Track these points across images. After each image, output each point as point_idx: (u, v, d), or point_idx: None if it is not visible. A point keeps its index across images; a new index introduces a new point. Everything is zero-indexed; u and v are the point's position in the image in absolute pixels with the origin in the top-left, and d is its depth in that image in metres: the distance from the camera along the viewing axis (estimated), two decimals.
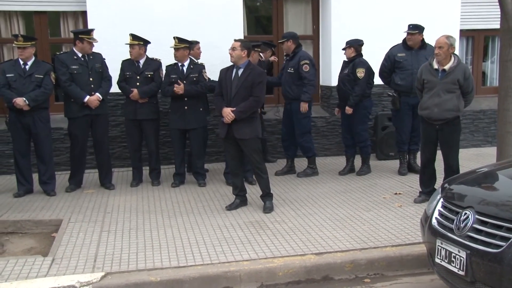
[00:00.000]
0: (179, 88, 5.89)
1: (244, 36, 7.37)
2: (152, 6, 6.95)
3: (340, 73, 6.64)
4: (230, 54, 5.03)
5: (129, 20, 6.77)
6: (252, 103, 5.03)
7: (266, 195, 5.24)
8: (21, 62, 5.66)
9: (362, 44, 6.49)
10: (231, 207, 5.23)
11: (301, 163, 6.91)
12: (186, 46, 6.06)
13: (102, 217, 5.04)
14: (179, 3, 7.03)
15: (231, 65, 5.16)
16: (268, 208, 5.16)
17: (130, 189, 6.13)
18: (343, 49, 6.51)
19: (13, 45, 5.92)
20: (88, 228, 4.68)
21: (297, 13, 7.99)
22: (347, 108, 6.41)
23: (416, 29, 6.31)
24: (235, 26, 7.16)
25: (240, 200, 5.29)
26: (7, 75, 5.61)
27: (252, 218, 4.94)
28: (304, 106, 6.31)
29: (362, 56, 6.47)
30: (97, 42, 5.97)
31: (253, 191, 5.70)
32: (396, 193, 5.72)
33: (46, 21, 7.14)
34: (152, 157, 6.32)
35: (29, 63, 5.68)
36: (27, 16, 7.17)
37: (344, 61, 6.61)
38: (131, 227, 4.72)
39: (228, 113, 5.00)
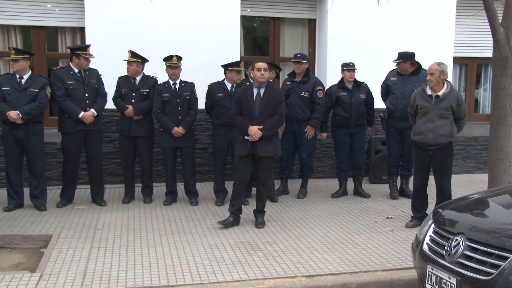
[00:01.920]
0: (177, 133, 5.97)
1: (241, 57, 7.45)
2: (150, 24, 7.02)
3: (347, 98, 6.45)
4: (262, 75, 5.13)
5: (127, 37, 6.83)
6: (277, 120, 5.22)
7: (260, 211, 5.36)
8: (17, 76, 5.67)
9: None
10: (224, 223, 5.25)
11: (294, 184, 6.91)
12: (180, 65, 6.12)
13: (93, 233, 4.99)
14: (177, 21, 7.11)
15: (249, 85, 5.35)
16: (261, 223, 5.28)
17: (122, 206, 6.10)
18: (349, 70, 6.43)
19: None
20: (78, 245, 4.63)
21: (294, 35, 8.09)
22: (370, 129, 6.76)
23: (399, 58, 6.40)
24: (233, 46, 7.24)
25: (234, 219, 5.31)
26: (3, 88, 5.61)
27: (243, 238, 4.92)
28: (311, 132, 6.44)
29: None
30: (93, 57, 6.00)
31: (245, 211, 5.68)
32: (388, 217, 5.73)
33: (44, 36, 7.18)
34: (145, 174, 6.31)
35: (25, 77, 5.69)
36: (25, 30, 7.21)
37: (353, 85, 6.48)
38: (121, 245, 4.67)
39: (256, 131, 5.10)
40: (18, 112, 5.51)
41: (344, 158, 6.66)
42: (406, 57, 6.38)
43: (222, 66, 6.19)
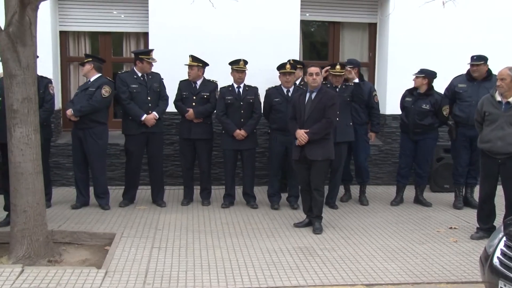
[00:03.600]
0: (239, 135, 6.06)
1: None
2: (211, 29, 7.13)
3: (409, 104, 6.32)
4: (314, 79, 5.17)
5: (188, 42, 6.96)
6: (325, 124, 5.18)
7: (317, 217, 5.34)
8: (86, 79, 6.02)
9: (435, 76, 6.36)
10: (299, 225, 5.42)
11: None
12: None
13: (153, 233, 5.13)
14: (238, 26, 7.18)
15: (304, 90, 5.37)
16: (318, 229, 5.25)
17: (181, 207, 6.22)
18: (416, 76, 6.29)
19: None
20: (140, 244, 4.77)
21: (354, 39, 7.98)
22: None
23: (481, 60, 6.12)
24: (292, 51, 7.21)
25: (309, 220, 5.42)
26: (76, 91, 6.06)
27: (301, 243, 4.89)
28: (374, 137, 6.63)
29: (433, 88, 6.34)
30: (156, 62, 6.17)
31: (298, 217, 5.66)
32: (451, 228, 5.52)
33: (110, 41, 7.48)
34: (204, 177, 6.40)
35: (92, 79, 5.94)
36: (94, 36, 7.54)
37: (418, 93, 6.30)
38: (181, 246, 4.77)
39: (301, 134, 5.14)
40: (71, 109, 5.76)
41: (404, 163, 6.51)
42: (486, 60, 6.13)
43: (277, 68, 6.22)
